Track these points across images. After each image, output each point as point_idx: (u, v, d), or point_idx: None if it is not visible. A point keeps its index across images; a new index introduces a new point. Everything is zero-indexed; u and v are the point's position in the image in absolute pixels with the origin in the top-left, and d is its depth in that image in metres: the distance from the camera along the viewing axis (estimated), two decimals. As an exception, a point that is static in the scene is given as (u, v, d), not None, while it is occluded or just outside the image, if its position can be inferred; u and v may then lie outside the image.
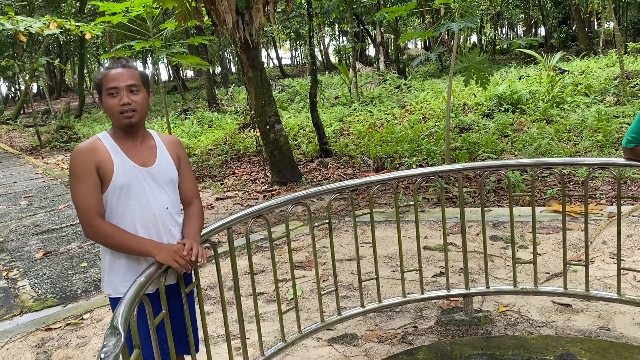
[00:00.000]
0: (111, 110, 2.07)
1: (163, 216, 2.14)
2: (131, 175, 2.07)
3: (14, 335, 3.80)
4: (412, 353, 2.92)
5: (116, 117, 2.07)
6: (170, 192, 2.20)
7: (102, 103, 2.11)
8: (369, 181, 3.35)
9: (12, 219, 7.31)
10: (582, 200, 5.41)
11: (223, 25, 7.10)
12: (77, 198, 2.02)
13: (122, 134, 2.12)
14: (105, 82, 2.06)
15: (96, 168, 2.02)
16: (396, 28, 23.45)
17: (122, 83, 2.05)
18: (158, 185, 2.14)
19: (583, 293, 3.19)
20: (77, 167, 2.02)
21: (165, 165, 2.18)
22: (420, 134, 9.49)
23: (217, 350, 3.21)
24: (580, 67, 14.54)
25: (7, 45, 25.43)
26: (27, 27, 11.27)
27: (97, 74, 2.13)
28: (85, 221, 2.01)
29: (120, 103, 2.04)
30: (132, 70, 2.10)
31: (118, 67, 2.08)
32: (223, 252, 4.52)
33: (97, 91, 2.13)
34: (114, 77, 2.06)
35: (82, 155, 2.03)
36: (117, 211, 2.08)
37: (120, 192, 2.06)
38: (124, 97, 2.05)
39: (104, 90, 2.06)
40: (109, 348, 1.49)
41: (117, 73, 2.07)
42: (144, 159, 2.13)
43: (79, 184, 2.01)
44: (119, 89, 2.05)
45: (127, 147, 2.11)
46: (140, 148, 2.14)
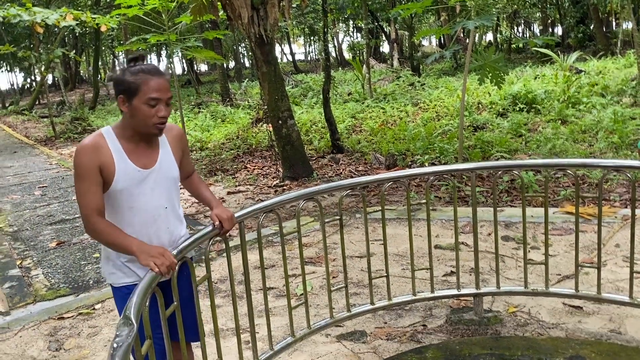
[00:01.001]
0: (145, 119, 2.02)
1: (162, 216, 2.17)
2: (132, 179, 2.07)
3: (27, 323, 3.85)
4: (421, 351, 2.92)
5: (147, 126, 2.04)
6: (170, 191, 2.21)
7: (128, 104, 2.02)
8: (381, 178, 3.35)
9: (26, 209, 7.40)
10: (595, 202, 5.36)
11: (238, 20, 7.12)
12: (78, 194, 2.04)
13: (132, 135, 2.09)
14: (146, 89, 1.99)
15: (99, 168, 2.02)
16: (411, 25, 23.31)
17: (164, 95, 2.03)
18: (158, 186, 2.14)
19: (595, 296, 3.17)
20: (80, 165, 2.01)
21: (167, 165, 2.18)
22: (433, 132, 9.45)
23: (227, 344, 3.24)
24: (597, 67, 14.39)
25: (24, 36, 25.67)
26: (44, 19, 11.37)
27: (129, 75, 2.01)
28: (84, 217, 2.04)
29: (158, 115, 2.02)
30: (169, 82, 2.08)
31: (159, 76, 2.03)
32: (233, 246, 4.54)
33: (125, 91, 2.02)
34: (158, 88, 2.01)
35: (85, 154, 2.01)
36: (117, 211, 2.11)
37: (120, 195, 2.07)
38: (163, 110, 2.03)
39: (143, 97, 1.99)
40: (121, 338, 1.51)
41: (160, 84, 2.02)
42: (146, 160, 2.12)
43: (81, 182, 2.02)
44: (161, 101, 2.02)
45: (131, 147, 2.09)
46: (144, 148, 2.13)
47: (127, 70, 2.04)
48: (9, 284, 4.58)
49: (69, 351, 3.44)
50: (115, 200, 2.09)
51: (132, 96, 2.01)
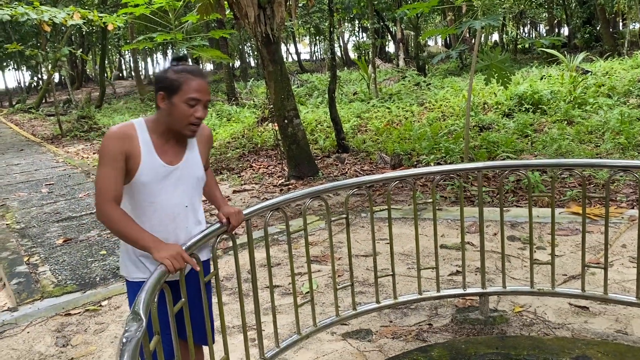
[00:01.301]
0: (182, 118, 2.03)
1: (182, 214, 2.17)
2: (156, 174, 2.07)
3: (35, 319, 3.88)
4: (426, 350, 2.92)
5: (183, 125, 2.05)
6: (193, 190, 2.20)
7: (168, 102, 2.03)
8: (387, 177, 3.35)
9: (33, 206, 7.44)
10: (602, 203, 5.35)
11: (245, 19, 7.13)
12: (99, 178, 2.03)
13: (164, 131, 2.09)
14: (187, 88, 2.00)
15: (125, 157, 2.02)
16: (417, 25, 23.30)
17: (204, 97, 2.04)
18: (182, 184, 2.14)
19: (601, 296, 3.17)
20: (107, 150, 2.01)
21: (193, 164, 2.18)
22: (439, 132, 9.44)
23: (233, 341, 3.25)
24: (603, 68, 14.33)
25: (31, 34, 25.82)
26: (51, 17, 11.44)
27: (172, 73, 2.03)
28: (99, 202, 2.02)
29: (196, 116, 2.03)
30: (209, 85, 2.09)
31: (201, 78, 2.04)
32: (239, 244, 4.55)
33: (166, 88, 2.02)
34: (199, 89, 2.02)
35: (114, 141, 2.01)
36: (137, 205, 2.10)
37: (142, 188, 2.07)
38: (200, 112, 2.04)
39: (183, 96, 2.00)
40: (130, 333, 1.52)
41: (201, 85, 2.03)
42: (173, 156, 2.13)
43: (103, 166, 2.01)
44: (200, 102, 2.03)
45: (160, 143, 2.10)
46: (173, 145, 2.13)
47: (170, 68, 2.05)
48: (17, 280, 4.61)
49: (76, 347, 3.47)
50: (137, 194, 2.08)
51: (172, 94, 2.02)
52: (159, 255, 1.97)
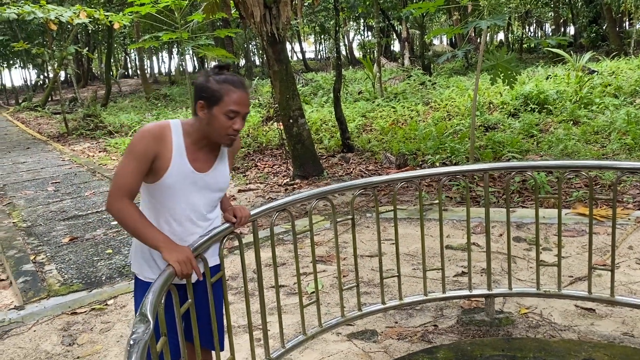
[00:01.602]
0: (220, 129, 2.01)
1: (199, 222, 2.16)
2: (183, 179, 2.05)
3: (41, 318, 3.90)
4: (432, 352, 2.92)
5: (220, 136, 2.03)
6: (214, 199, 2.20)
7: (207, 111, 2.01)
8: (394, 178, 3.35)
9: (39, 204, 7.47)
10: (608, 204, 5.33)
11: (250, 19, 7.14)
12: (121, 171, 2.00)
13: (199, 139, 2.07)
14: (228, 100, 1.98)
15: (154, 157, 2.00)
16: (422, 24, 23.25)
17: (244, 110, 2.02)
18: (204, 191, 2.13)
19: (608, 298, 3.15)
20: (137, 147, 1.99)
21: (220, 175, 2.17)
22: (444, 132, 9.43)
23: (238, 341, 3.25)
24: (610, 67, 14.27)
25: (38, 33, 25.91)
26: (58, 16, 11.49)
27: (214, 82, 2.00)
28: (114, 194, 1.99)
29: (234, 128, 2.02)
30: (249, 95, 2.07)
31: (243, 90, 2.03)
32: (245, 244, 4.56)
33: (206, 98, 2.00)
34: (240, 101, 2.00)
35: (147, 139, 1.99)
36: (157, 206, 2.09)
37: (166, 191, 2.05)
38: (239, 123, 2.03)
39: (224, 107, 1.99)
40: (138, 335, 1.53)
41: (242, 97, 2.01)
42: (203, 163, 2.11)
43: (130, 161, 1.99)
44: (239, 115, 2.02)
45: (193, 148, 2.07)
46: (205, 152, 2.12)
47: (212, 77, 2.02)
48: (23, 279, 4.63)
49: (82, 346, 3.48)
50: (160, 195, 2.07)
51: (213, 104, 2.00)
52: (170, 256, 1.97)
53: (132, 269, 2.22)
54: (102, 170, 9.64)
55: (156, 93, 24.55)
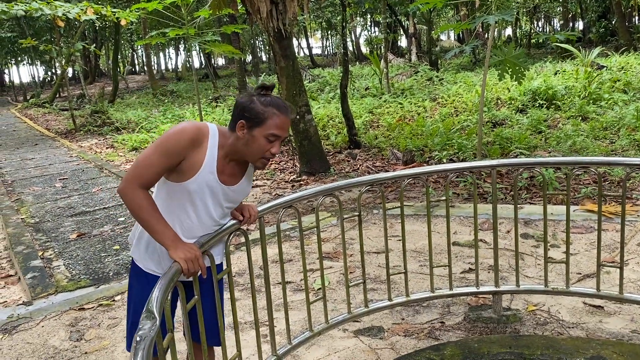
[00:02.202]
0: (258, 151, 2.00)
1: (211, 228, 2.17)
2: (207, 187, 2.04)
3: (49, 314, 3.92)
4: (438, 348, 2.91)
5: (256, 158, 2.03)
6: (230, 208, 2.21)
7: (247, 132, 1.99)
8: (401, 175, 3.33)
9: (47, 200, 7.51)
10: (617, 201, 5.29)
11: (257, 14, 7.12)
12: (146, 161, 1.95)
13: (232, 154, 2.05)
14: (271, 124, 1.97)
15: (184, 157, 1.96)
16: (429, 19, 23.14)
17: (284, 134, 2.01)
18: (224, 203, 2.13)
19: (616, 295, 3.13)
20: (171, 142, 1.95)
21: (243, 191, 2.17)
22: (451, 128, 9.38)
23: (245, 337, 3.26)
24: (619, 63, 14.15)
25: (45, 30, 26.00)
26: (65, 13, 11.52)
27: (261, 104, 1.97)
28: (131, 181, 1.95)
29: (272, 151, 2.01)
30: (290, 120, 2.06)
31: (287, 115, 2.01)
32: (252, 241, 4.56)
33: (249, 118, 1.97)
34: (282, 126, 1.99)
35: (184, 139, 1.95)
36: (173, 205, 2.07)
37: (188, 195, 2.04)
38: (277, 148, 2.02)
39: (266, 131, 1.97)
40: (144, 331, 1.52)
41: (285, 123, 2.00)
42: (230, 177, 2.10)
43: (157, 154, 1.94)
44: (279, 139, 2.01)
45: (224, 161, 2.05)
46: (234, 167, 2.10)
47: (257, 98, 2.00)
48: (32, 275, 4.66)
49: (90, 342, 3.50)
50: (179, 197, 2.05)
51: (255, 126, 1.98)
52: (176, 254, 1.96)
53: (133, 255, 2.18)
54: (110, 167, 9.67)
55: (163, 89, 24.62)
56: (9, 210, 7.02)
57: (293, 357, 3.09)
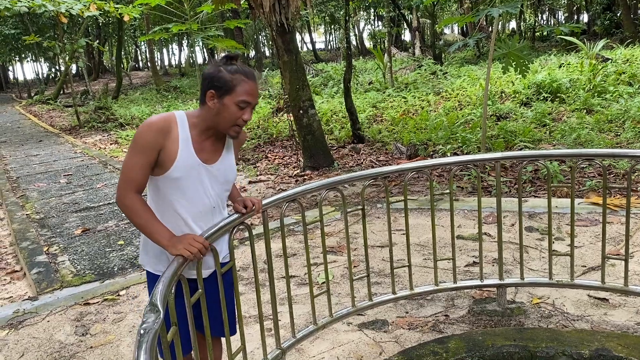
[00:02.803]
0: (230, 119, 2.01)
1: (209, 215, 2.15)
2: (190, 171, 2.04)
3: (55, 309, 3.94)
4: (443, 341, 2.90)
5: (228, 126, 2.03)
6: (222, 193, 2.19)
7: (218, 101, 2.00)
8: (404, 168, 3.32)
9: (52, 196, 7.53)
10: (622, 193, 5.27)
11: (260, 9, 7.11)
12: (127, 165, 1.99)
13: (205, 129, 2.06)
14: (240, 90, 1.98)
15: (159, 150, 1.98)
16: (433, 13, 23.04)
17: (254, 100, 2.02)
18: (212, 184, 2.12)
19: (621, 288, 3.12)
20: (143, 139, 1.97)
21: (227, 166, 2.16)
22: (455, 122, 9.36)
23: (249, 331, 3.27)
24: (624, 55, 14.05)
25: (49, 26, 26.03)
26: (68, 9, 11.53)
27: (228, 73, 1.99)
28: (122, 189, 2.00)
29: (244, 118, 2.02)
30: (258, 86, 2.07)
31: (254, 81, 2.02)
32: (256, 235, 4.57)
33: (217, 87, 1.99)
34: (252, 92, 2.01)
35: (152, 132, 1.97)
36: (163, 198, 2.07)
37: (174, 184, 2.04)
38: (248, 115, 2.03)
39: (236, 98, 1.98)
40: (148, 324, 1.53)
41: (254, 88, 2.02)
42: (209, 155, 2.10)
43: (136, 154, 1.98)
44: (249, 105, 2.02)
45: (199, 140, 2.06)
46: (211, 144, 2.11)
47: (223, 67, 2.01)
48: (37, 270, 4.68)
49: (95, 336, 3.51)
50: (167, 188, 2.05)
51: (224, 94, 1.99)
52: (175, 249, 1.97)
53: (143, 264, 2.21)
54: (114, 163, 9.70)
55: (166, 85, 24.64)
56: (14, 206, 7.05)
57: (297, 350, 3.10)
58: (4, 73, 46.55)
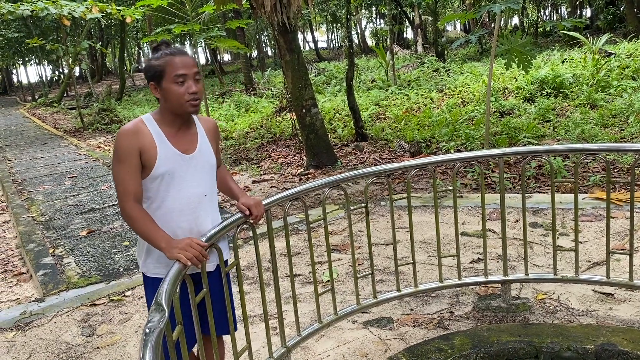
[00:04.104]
0: (177, 98, 2.03)
1: (203, 204, 2.17)
2: (173, 163, 2.08)
3: (61, 310, 3.96)
4: (448, 338, 2.91)
5: (180, 104, 2.05)
6: (209, 179, 2.21)
7: (159, 90, 2.06)
8: (407, 165, 3.32)
9: (57, 199, 7.57)
10: (627, 188, 5.25)
11: (261, 9, 7.11)
12: (116, 178, 2.05)
13: (171, 120, 2.11)
14: (170, 68, 2.02)
15: (139, 152, 2.03)
16: (435, 10, 22.99)
17: (190, 71, 2.04)
18: (198, 172, 2.15)
19: (626, 282, 3.12)
20: (121, 148, 2.03)
21: (206, 151, 2.19)
22: (458, 118, 9.34)
23: (255, 330, 3.28)
24: (627, 49, 13.98)
25: (52, 29, 26.09)
26: (71, 12, 11.55)
27: (154, 60, 2.06)
28: (121, 201, 2.05)
29: (188, 91, 2.03)
30: (192, 58, 2.10)
31: (182, 55, 2.05)
32: (260, 234, 4.58)
33: (153, 77, 2.06)
34: (183, 64, 2.03)
35: (126, 137, 2.03)
36: (156, 198, 2.10)
37: (161, 180, 2.07)
38: (192, 86, 2.04)
39: (169, 77, 2.02)
40: (153, 324, 1.54)
41: (184, 60, 2.04)
42: (186, 145, 2.14)
43: (120, 165, 2.03)
44: (188, 77, 2.04)
45: (171, 133, 2.11)
46: (184, 134, 2.15)
47: (151, 58, 2.09)
48: (43, 272, 4.70)
49: (102, 337, 3.53)
50: (157, 186, 2.09)
51: (160, 79, 2.04)
52: (172, 253, 1.97)
53: (142, 269, 2.22)
54: (118, 164, 9.72)
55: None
56: (20, 209, 7.08)
57: (303, 349, 3.11)
58: (8, 76, 46.72)
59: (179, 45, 3.51)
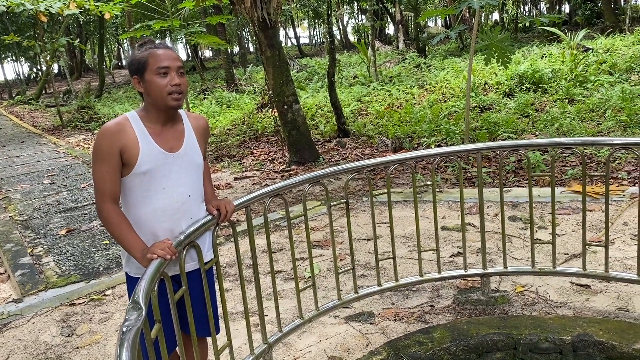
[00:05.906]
0: (159, 91, 2.01)
1: (186, 204, 2.13)
2: (156, 161, 2.04)
3: (40, 310, 3.91)
4: (428, 331, 2.94)
5: (163, 98, 2.02)
6: (195, 179, 2.17)
7: (142, 83, 2.04)
8: (387, 161, 3.34)
9: (35, 197, 7.46)
10: (603, 181, 5.34)
11: (241, 4, 7.08)
12: (95, 177, 2.02)
13: (155, 116, 2.08)
14: (153, 61, 2.01)
15: (120, 151, 1.99)
16: (416, 6, 23.07)
17: (173, 64, 2.03)
18: (182, 171, 2.11)
19: (602, 274, 3.17)
20: (102, 147, 1.99)
21: (192, 151, 2.15)
22: (439, 114, 9.40)
23: (236, 326, 3.27)
24: (605, 45, 14.20)
25: (28, 25, 25.67)
26: (48, 7, 11.38)
27: (137, 53, 2.05)
28: (98, 202, 2.02)
29: (171, 84, 2.01)
30: (176, 53, 2.08)
31: (165, 48, 2.04)
32: (241, 231, 4.57)
33: (135, 70, 2.04)
34: (165, 57, 2.02)
35: (108, 135, 1.99)
36: (138, 196, 2.06)
37: (143, 178, 2.04)
38: (175, 78, 2.02)
39: (152, 69, 2.01)
40: (130, 322, 1.53)
41: (166, 53, 2.03)
42: (172, 143, 2.10)
43: (100, 164, 2.00)
44: (170, 69, 2.02)
45: (156, 130, 2.07)
46: (169, 131, 2.11)
47: (135, 53, 2.07)
48: (21, 272, 4.64)
49: (82, 336, 3.50)
50: (139, 184, 2.05)
51: (143, 72, 2.03)
52: (145, 262, 1.95)
53: (126, 270, 2.20)
54: (98, 162, 9.60)
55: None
56: (-3, 209, 6.97)
57: (284, 344, 3.11)
58: (-16, 74, 45.81)
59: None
